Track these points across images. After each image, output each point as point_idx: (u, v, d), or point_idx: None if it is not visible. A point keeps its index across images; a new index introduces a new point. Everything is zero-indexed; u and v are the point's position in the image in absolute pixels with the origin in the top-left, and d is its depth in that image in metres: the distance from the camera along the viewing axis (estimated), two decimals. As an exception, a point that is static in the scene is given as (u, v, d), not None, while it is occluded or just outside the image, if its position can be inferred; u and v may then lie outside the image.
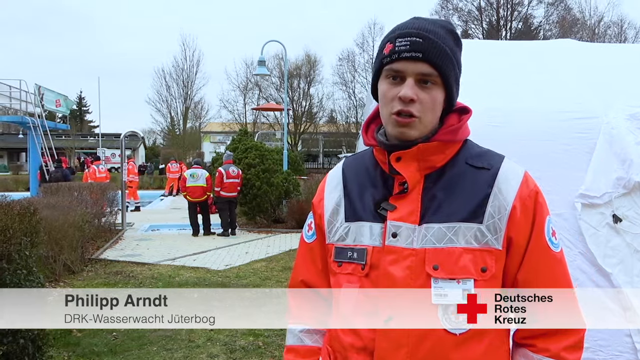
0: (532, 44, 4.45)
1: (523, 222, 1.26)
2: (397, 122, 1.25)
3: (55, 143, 20.46)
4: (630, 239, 2.63)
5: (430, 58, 1.23)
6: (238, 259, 9.38)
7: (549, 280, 1.28)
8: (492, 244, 1.24)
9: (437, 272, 1.23)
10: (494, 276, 1.25)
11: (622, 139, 2.76)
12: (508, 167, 1.30)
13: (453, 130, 1.30)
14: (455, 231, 1.24)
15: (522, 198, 1.26)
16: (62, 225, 7.52)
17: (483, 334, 1.24)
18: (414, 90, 1.23)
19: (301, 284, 1.50)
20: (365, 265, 1.29)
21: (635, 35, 32.55)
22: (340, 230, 1.36)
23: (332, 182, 1.45)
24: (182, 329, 5.52)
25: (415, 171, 1.28)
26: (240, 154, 13.23)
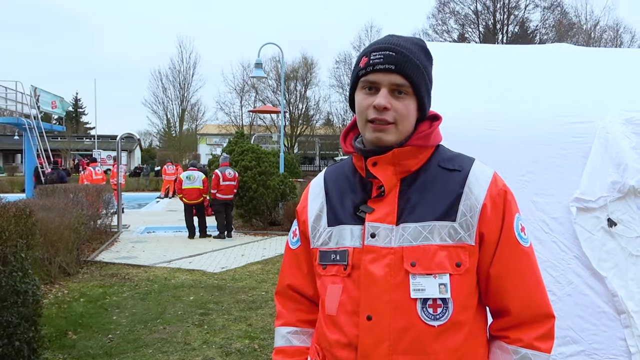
0: (528, 48, 4.47)
1: (493, 219, 1.34)
2: (373, 128, 1.34)
3: (51, 144, 20.42)
4: (624, 243, 2.63)
5: (402, 70, 1.33)
6: (234, 261, 9.37)
7: (518, 273, 1.36)
8: (466, 240, 1.33)
9: (414, 268, 1.30)
10: (468, 270, 1.33)
11: (617, 143, 2.77)
12: (478, 168, 1.39)
13: (425, 136, 1.39)
14: (430, 229, 1.32)
15: (492, 196, 1.35)
16: (57, 227, 7.50)
17: (460, 325, 1.32)
18: (387, 99, 1.32)
19: (287, 288, 1.59)
20: (347, 266, 1.37)
21: (630, 39, 32.73)
22: (323, 235, 1.45)
23: (314, 190, 1.55)
24: (177, 331, 5.51)
25: (392, 175, 1.37)
26: (237, 157, 13.23)
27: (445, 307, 1.30)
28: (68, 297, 6.88)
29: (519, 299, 1.35)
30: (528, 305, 1.35)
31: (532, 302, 1.36)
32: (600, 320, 2.59)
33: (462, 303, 1.32)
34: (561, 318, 2.59)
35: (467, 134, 2.78)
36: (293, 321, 1.57)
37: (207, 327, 5.68)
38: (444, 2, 35.98)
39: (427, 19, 36.42)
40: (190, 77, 44.41)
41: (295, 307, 1.58)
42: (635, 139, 2.80)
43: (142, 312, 6.21)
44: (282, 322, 1.59)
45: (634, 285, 2.59)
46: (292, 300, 1.59)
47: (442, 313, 1.30)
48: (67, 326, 5.65)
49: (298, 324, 1.57)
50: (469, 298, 1.34)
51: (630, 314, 2.56)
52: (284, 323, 1.59)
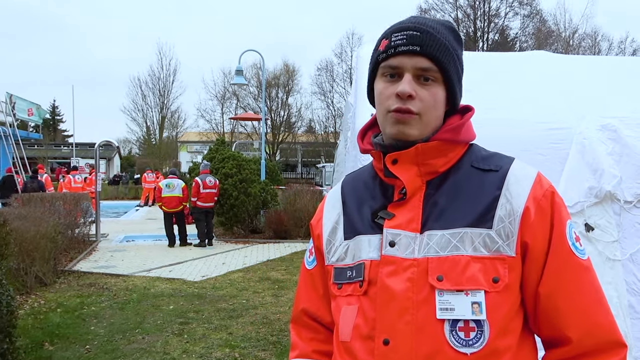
0: (507, 55, 4.53)
1: (539, 226, 1.11)
2: (395, 119, 1.14)
3: (28, 153, 20.09)
4: (602, 248, 2.67)
5: (429, 51, 1.14)
6: (215, 269, 9.29)
7: (576, 291, 1.10)
8: (504, 251, 1.10)
9: (441, 283, 1.09)
10: (507, 287, 1.09)
11: (593, 149, 2.81)
12: (518, 167, 1.18)
13: (454, 129, 1.18)
14: (461, 237, 1.11)
15: (536, 199, 1.12)
16: (33, 237, 7.36)
17: (499, 354, 1.08)
18: (412, 86, 1.13)
19: (302, 313, 1.39)
20: (364, 282, 1.16)
21: (608, 47, 33.42)
22: (339, 250, 1.25)
23: (330, 200, 1.35)
24: (157, 341, 5.43)
25: (416, 176, 1.17)
26: (218, 164, 13.16)
27: (480, 331, 1.07)
28: (44, 307, 6.74)
29: (579, 324, 1.09)
30: (591, 331, 1.09)
31: (597, 326, 1.09)
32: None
33: (502, 326, 1.08)
34: (540, 322, 2.62)
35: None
36: (308, 352, 1.36)
37: (187, 336, 5.61)
38: (425, 9, 36.37)
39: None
40: (170, 84, 44.10)
41: (311, 337, 1.37)
42: (611, 145, 2.85)
43: (121, 322, 6.11)
44: (296, 353, 1.38)
45: (611, 290, 2.63)
46: (308, 329, 1.38)
47: (477, 338, 1.07)
48: (44, 337, 5.53)
49: (314, 355, 1.35)
50: (510, 321, 1.10)
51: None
52: (298, 355, 1.37)
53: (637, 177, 2.78)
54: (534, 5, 35.26)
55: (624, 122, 2.92)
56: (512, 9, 35.72)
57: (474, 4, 35.88)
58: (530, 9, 35.45)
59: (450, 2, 36.30)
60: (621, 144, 2.85)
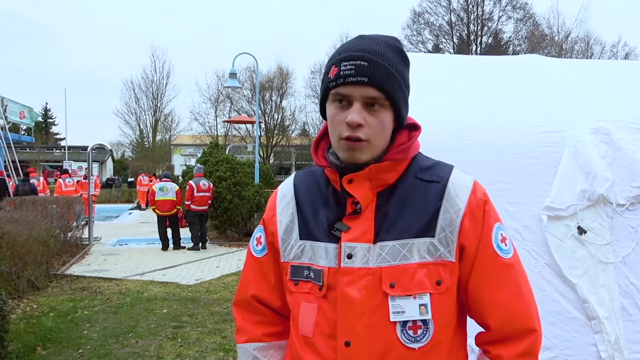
0: (500, 58, 4.55)
1: (472, 231, 1.27)
2: (346, 146, 1.24)
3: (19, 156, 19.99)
4: (594, 250, 2.68)
5: (376, 82, 1.22)
6: (208, 273, 9.27)
7: (496, 286, 1.28)
8: (446, 257, 1.26)
9: (393, 290, 1.23)
10: (448, 288, 1.26)
11: (586, 152, 2.83)
12: (457, 177, 1.31)
13: (404, 149, 1.30)
14: (409, 247, 1.25)
15: (471, 208, 1.28)
16: (26, 240, 7.31)
17: (441, 345, 1.26)
18: (361, 115, 1.22)
19: (252, 299, 1.47)
20: (323, 287, 1.28)
21: (601, 51, 33.49)
22: (295, 249, 1.35)
23: (284, 198, 1.43)
24: (150, 345, 5.41)
25: (368, 190, 1.28)
26: (211, 167, 13.13)
27: (426, 328, 1.24)
28: (37, 311, 6.69)
29: (498, 313, 1.28)
30: (508, 319, 1.28)
31: (513, 316, 1.28)
32: (572, 326, 2.63)
33: (443, 322, 1.26)
34: (534, 325, 2.63)
35: (439, 143, 2.80)
36: (259, 336, 1.47)
37: (180, 340, 5.58)
38: (418, 13, 36.51)
39: (402, 30, 36.78)
40: (164, 87, 44.00)
41: (258, 320, 1.48)
42: (604, 148, 2.86)
43: (114, 326, 6.08)
44: (246, 337, 1.48)
45: (604, 292, 2.64)
46: (254, 312, 1.48)
47: (423, 334, 1.24)
48: (36, 341, 5.49)
49: (264, 339, 1.47)
50: (449, 316, 1.29)
51: (601, 320, 2.60)
52: (248, 339, 1.47)
53: (629, 180, 2.80)
54: (527, 9, 35.43)
55: (617, 126, 2.93)
56: (506, 12, 35.88)
57: (467, 8, 36.01)
58: (523, 13, 35.60)
59: (443, 5, 36.45)
60: (613, 147, 2.87)
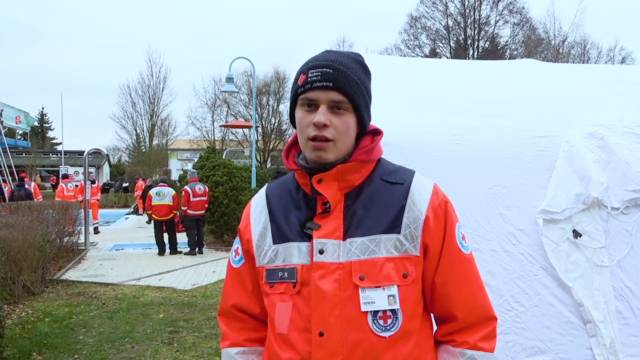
0: (496, 63, 4.57)
1: (436, 230, 1.39)
2: (313, 146, 1.35)
3: (15, 161, 19.94)
4: (589, 254, 2.69)
5: (340, 86, 1.34)
6: (205, 278, 9.25)
7: (462, 280, 1.42)
8: (411, 251, 1.37)
9: (363, 282, 1.33)
10: (414, 280, 1.37)
11: (580, 156, 2.84)
12: (419, 180, 1.43)
13: (368, 151, 1.41)
14: (377, 243, 1.35)
15: (434, 208, 1.39)
16: (21, 246, 7.29)
17: (409, 334, 1.36)
18: (326, 116, 1.34)
19: (232, 308, 1.56)
20: (297, 283, 1.37)
21: (597, 55, 33.57)
22: (269, 253, 1.43)
23: (257, 207, 1.53)
24: (146, 350, 5.39)
25: (336, 191, 1.39)
26: (208, 172, 13.12)
27: (395, 318, 1.33)
28: (32, 317, 6.67)
29: (464, 305, 1.41)
30: (472, 309, 1.41)
31: (476, 306, 1.42)
32: (567, 330, 2.64)
33: (410, 312, 1.36)
34: (529, 329, 2.63)
35: (434, 148, 2.82)
36: (240, 341, 1.54)
37: (176, 345, 5.57)
38: (415, 17, 36.59)
39: (399, 34, 37.00)
40: (160, 91, 43.81)
41: (240, 327, 1.56)
42: (598, 152, 2.88)
43: (110, 331, 6.06)
44: (228, 343, 1.56)
45: (599, 295, 2.65)
46: (236, 320, 1.56)
47: (393, 324, 1.33)
48: (32, 347, 5.47)
49: (245, 344, 1.54)
50: (416, 307, 1.38)
51: (596, 324, 2.61)
52: (230, 344, 1.55)
53: (623, 184, 2.81)
54: (524, 13, 35.52)
55: (611, 130, 2.95)
56: (502, 17, 35.96)
57: (464, 12, 36.12)
58: (520, 17, 35.69)
59: (440, 10, 36.54)
60: (608, 151, 2.88)
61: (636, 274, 2.72)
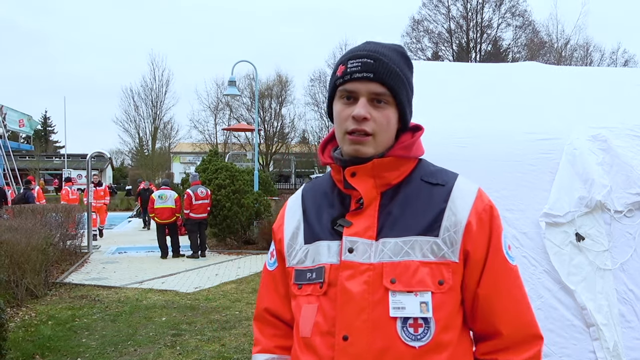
0: (499, 66, 4.58)
1: (479, 236, 1.27)
2: (351, 140, 1.28)
3: (19, 164, 20.00)
4: (592, 257, 2.69)
5: (381, 78, 1.26)
6: (207, 281, 9.25)
7: (509, 293, 1.29)
8: (449, 257, 1.25)
9: (394, 285, 1.23)
10: (451, 288, 1.25)
11: (584, 159, 2.84)
12: (462, 183, 1.33)
13: (406, 146, 1.32)
14: (411, 245, 1.25)
15: (478, 213, 1.28)
16: (24, 249, 7.30)
17: (443, 346, 1.23)
18: (366, 109, 1.26)
19: (265, 312, 1.50)
20: (324, 283, 1.29)
21: (600, 58, 33.53)
22: (299, 253, 1.37)
23: (292, 207, 1.47)
24: (149, 352, 5.39)
25: (372, 188, 1.30)
26: (211, 175, 13.14)
27: (427, 327, 1.22)
28: (35, 320, 6.67)
29: (510, 321, 1.28)
30: (519, 326, 1.29)
31: (523, 323, 1.29)
32: (570, 333, 2.63)
33: (445, 323, 1.24)
34: (533, 332, 2.62)
35: (437, 151, 2.81)
36: (270, 347, 1.48)
37: (179, 348, 5.57)
38: (417, 20, 36.63)
39: (402, 37, 36.85)
40: (163, 94, 43.93)
41: (272, 333, 1.49)
42: (601, 155, 2.87)
43: (113, 334, 6.06)
44: (259, 349, 1.50)
45: (602, 299, 2.64)
46: (269, 326, 1.50)
47: (424, 333, 1.22)
48: (35, 350, 5.47)
49: (275, 351, 1.47)
50: (452, 318, 1.26)
51: (599, 327, 2.60)
52: (260, 350, 1.49)
53: (626, 187, 2.80)
54: (526, 16, 35.54)
55: (614, 133, 2.95)
56: (505, 20, 35.99)
57: (466, 15, 36.15)
58: (522, 20, 35.70)
59: (442, 13, 36.58)
60: (611, 154, 2.88)
61: (639, 277, 2.71)
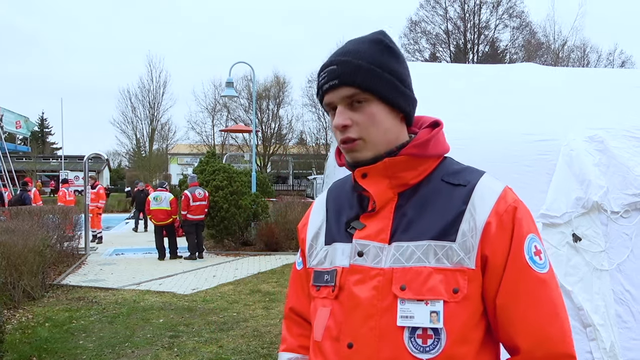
0: (496, 67, 4.58)
1: (499, 239, 1.15)
2: (345, 149, 1.25)
3: (15, 165, 19.95)
4: (589, 258, 2.69)
5: (345, 80, 1.20)
6: (205, 282, 9.24)
7: (529, 303, 1.14)
8: (465, 264, 1.14)
9: (404, 292, 1.14)
10: (466, 297, 1.14)
11: (580, 160, 2.84)
12: (486, 181, 1.22)
13: (421, 144, 1.23)
14: (425, 250, 1.16)
15: (498, 213, 1.16)
16: (21, 251, 7.29)
17: None
18: (344, 116, 1.21)
19: (291, 312, 1.49)
20: (335, 287, 1.24)
21: (597, 59, 33.63)
22: (319, 255, 1.33)
23: (317, 207, 1.43)
24: (146, 354, 5.38)
25: (387, 189, 1.22)
26: (208, 176, 13.12)
27: (437, 339, 1.12)
28: (32, 321, 6.66)
29: (530, 335, 1.13)
30: (541, 342, 1.13)
31: (547, 338, 1.13)
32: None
33: (459, 335, 1.13)
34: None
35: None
36: (294, 347, 1.45)
37: (177, 349, 5.56)
38: (415, 21, 36.70)
39: (399, 38, 36.88)
40: (161, 96, 43.98)
41: (299, 332, 1.46)
42: (598, 156, 2.88)
43: (110, 336, 6.05)
44: (284, 347, 1.48)
45: (599, 299, 2.65)
46: (296, 325, 1.47)
47: (433, 345, 1.12)
48: (32, 352, 5.46)
49: (299, 350, 1.44)
50: (468, 330, 1.15)
51: (596, 327, 2.61)
52: (285, 348, 1.47)
53: (623, 188, 2.81)
54: (524, 17, 35.64)
55: (610, 134, 2.95)
56: (502, 21, 36.07)
57: (464, 17, 36.21)
58: (519, 21, 35.79)
59: (440, 14, 36.66)
60: (607, 155, 2.89)
61: (636, 277, 2.72)
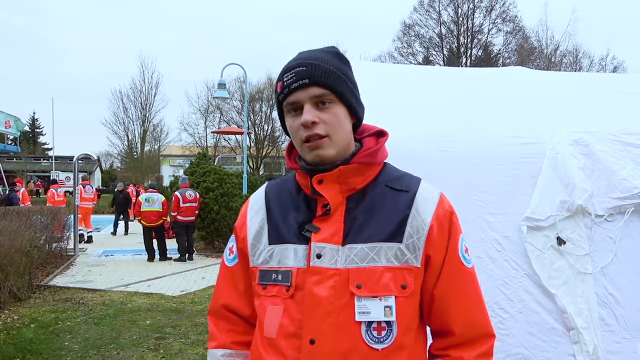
0: (485, 70, 4.60)
1: (439, 241, 1.33)
2: (309, 147, 1.31)
3: (5, 166, 19.82)
4: (573, 261, 2.69)
5: (317, 80, 1.29)
6: (194, 284, 9.19)
7: (462, 294, 1.36)
8: (412, 262, 1.31)
9: (360, 290, 1.27)
10: (413, 292, 1.31)
11: (565, 163, 2.85)
12: (425, 189, 1.38)
13: (371, 153, 1.36)
14: (377, 251, 1.29)
15: (439, 218, 1.34)
16: (7, 251, 7.22)
17: (403, 347, 1.29)
18: (313, 114, 1.29)
19: (222, 308, 1.51)
20: (290, 287, 1.32)
21: (589, 64, 33.79)
22: (264, 254, 1.39)
23: (254, 205, 1.49)
24: (132, 356, 5.34)
25: (338, 193, 1.33)
26: (199, 178, 13.08)
27: (390, 330, 1.28)
28: (18, 322, 6.59)
29: (462, 320, 1.35)
30: (471, 325, 1.36)
31: (475, 322, 1.37)
32: (550, 336, 2.63)
33: (406, 325, 1.30)
34: (513, 335, 2.62)
35: (421, 154, 2.82)
36: (227, 343, 1.49)
37: (162, 351, 5.52)
38: (409, 25, 36.77)
39: (393, 42, 37.10)
40: (152, 97, 43.78)
41: (229, 328, 1.50)
42: (583, 160, 2.89)
43: (96, 337, 6.00)
44: (215, 344, 1.51)
45: (582, 302, 2.65)
46: (226, 321, 1.51)
47: (387, 336, 1.27)
48: (16, 353, 5.41)
49: (232, 346, 1.49)
50: (412, 320, 1.32)
51: (579, 330, 2.61)
52: (217, 345, 1.50)
53: (608, 192, 2.82)
54: (517, 22, 35.79)
55: (596, 137, 2.96)
56: (495, 25, 36.20)
57: (457, 20, 36.35)
58: (513, 26, 35.93)
59: (433, 18, 36.78)
60: (592, 158, 2.89)
61: (619, 281, 2.72)
